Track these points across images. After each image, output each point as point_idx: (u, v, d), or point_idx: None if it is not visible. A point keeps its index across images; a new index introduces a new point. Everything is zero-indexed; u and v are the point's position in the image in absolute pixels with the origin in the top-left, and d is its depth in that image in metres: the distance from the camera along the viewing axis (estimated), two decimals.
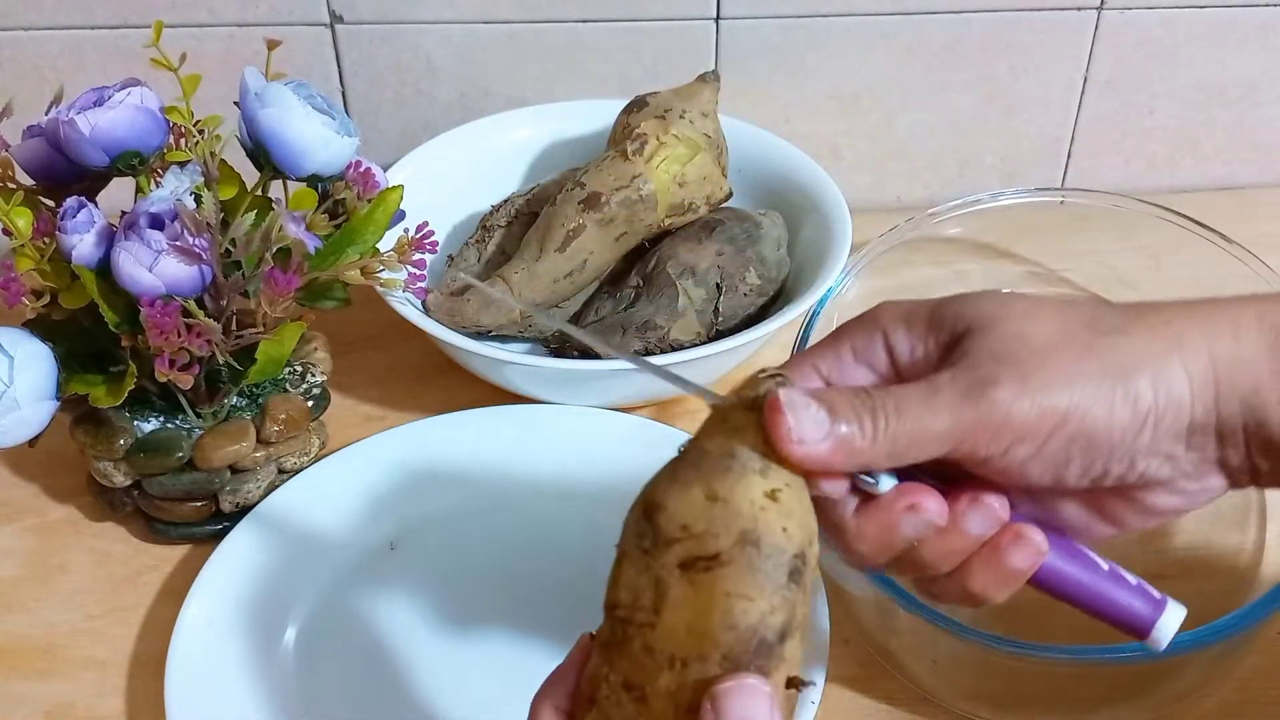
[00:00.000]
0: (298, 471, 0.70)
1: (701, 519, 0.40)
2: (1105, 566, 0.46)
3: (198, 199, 0.62)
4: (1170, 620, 0.46)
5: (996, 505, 0.44)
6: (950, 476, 0.45)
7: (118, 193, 0.68)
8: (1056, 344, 0.43)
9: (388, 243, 0.68)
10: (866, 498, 0.44)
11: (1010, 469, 0.43)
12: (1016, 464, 0.43)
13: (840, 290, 0.73)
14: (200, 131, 0.63)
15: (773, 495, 0.40)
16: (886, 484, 0.44)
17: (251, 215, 0.62)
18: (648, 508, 0.41)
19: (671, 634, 0.40)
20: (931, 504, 0.43)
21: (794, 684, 0.40)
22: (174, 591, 0.67)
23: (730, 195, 0.79)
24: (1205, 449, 0.44)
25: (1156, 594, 0.46)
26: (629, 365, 0.72)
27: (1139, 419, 0.43)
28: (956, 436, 0.42)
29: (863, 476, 0.44)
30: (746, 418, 0.42)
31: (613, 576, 0.41)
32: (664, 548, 0.40)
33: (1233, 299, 0.45)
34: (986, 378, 0.42)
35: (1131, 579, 0.46)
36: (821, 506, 0.43)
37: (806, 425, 0.41)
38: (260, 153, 0.65)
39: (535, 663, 0.45)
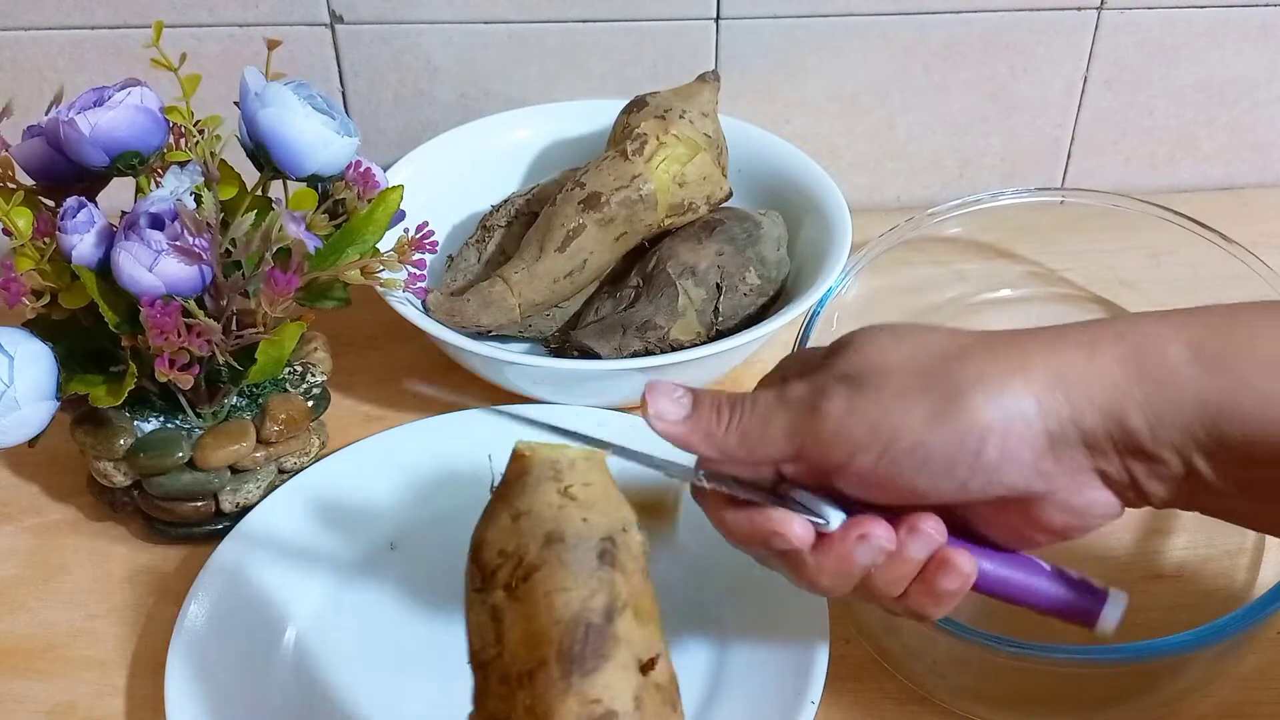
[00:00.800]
0: (298, 471, 0.70)
1: (511, 538, 0.43)
2: (1048, 568, 0.50)
3: (198, 199, 0.62)
4: (1113, 609, 0.50)
5: (933, 529, 0.48)
6: (890, 509, 0.49)
7: (118, 193, 0.68)
8: (898, 368, 0.47)
9: (388, 243, 0.68)
10: (821, 536, 0.48)
11: (882, 481, 0.47)
12: (874, 473, 0.47)
13: (840, 290, 0.73)
14: (200, 131, 0.63)
15: (567, 493, 0.43)
16: (835, 520, 0.48)
17: (251, 215, 0.62)
18: (472, 551, 0.44)
19: (515, 654, 0.41)
20: (879, 531, 0.48)
21: (647, 667, 0.41)
22: (174, 591, 0.67)
23: (730, 195, 0.79)
24: (1075, 460, 0.47)
25: (1099, 586, 0.50)
26: (629, 365, 0.72)
27: (973, 434, 0.46)
28: (797, 439, 0.48)
29: (812, 517, 0.48)
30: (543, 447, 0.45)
31: (467, 632, 0.44)
32: (490, 579, 0.43)
33: (1099, 322, 0.48)
34: (823, 389, 0.47)
35: (1074, 575, 0.50)
36: (785, 554, 0.49)
37: (668, 405, 0.49)
38: (260, 153, 0.65)
39: None
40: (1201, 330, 0.46)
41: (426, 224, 0.69)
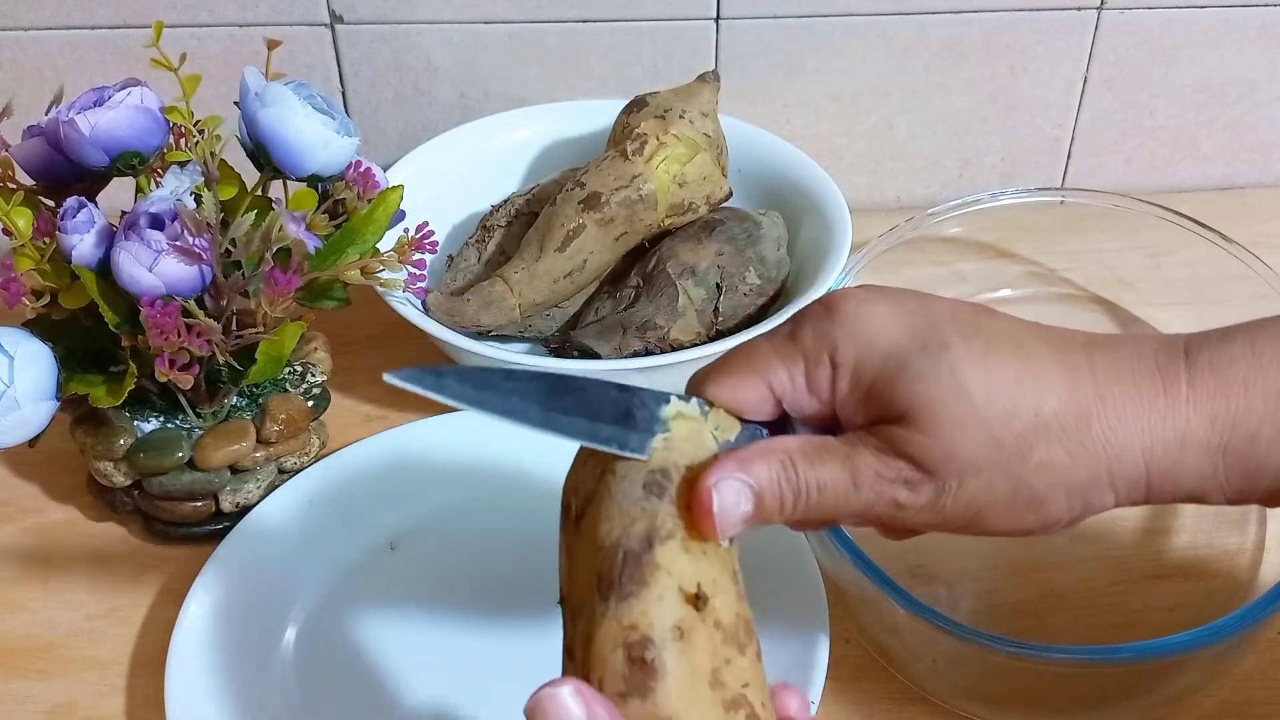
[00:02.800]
0: (298, 471, 0.70)
1: (583, 476, 0.43)
2: None
3: (198, 199, 0.62)
4: None
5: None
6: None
7: (118, 193, 0.68)
8: (980, 463, 0.43)
9: (388, 243, 0.68)
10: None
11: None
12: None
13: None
14: (200, 131, 0.63)
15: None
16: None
17: (251, 215, 0.62)
18: (562, 495, 0.44)
19: (574, 586, 0.42)
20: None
21: (696, 600, 0.40)
22: (174, 591, 0.67)
23: (730, 195, 0.79)
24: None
25: None
26: (629, 365, 0.72)
27: (1048, 526, 0.45)
28: (866, 521, 0.46)
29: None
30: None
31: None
32: (566, 518, 0.43)
33: (1189, 399, 0.43)
34: (905, 479, 0.44)
35: None
36: None
37: (730, 515, 0.43)
38: (260, 153, 0.65)
39: (535, 662, 0.45)
40: None
41: (426, 224, 0.69)
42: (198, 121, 0.64)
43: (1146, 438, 0.43)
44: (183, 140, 0.65)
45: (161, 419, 0.68)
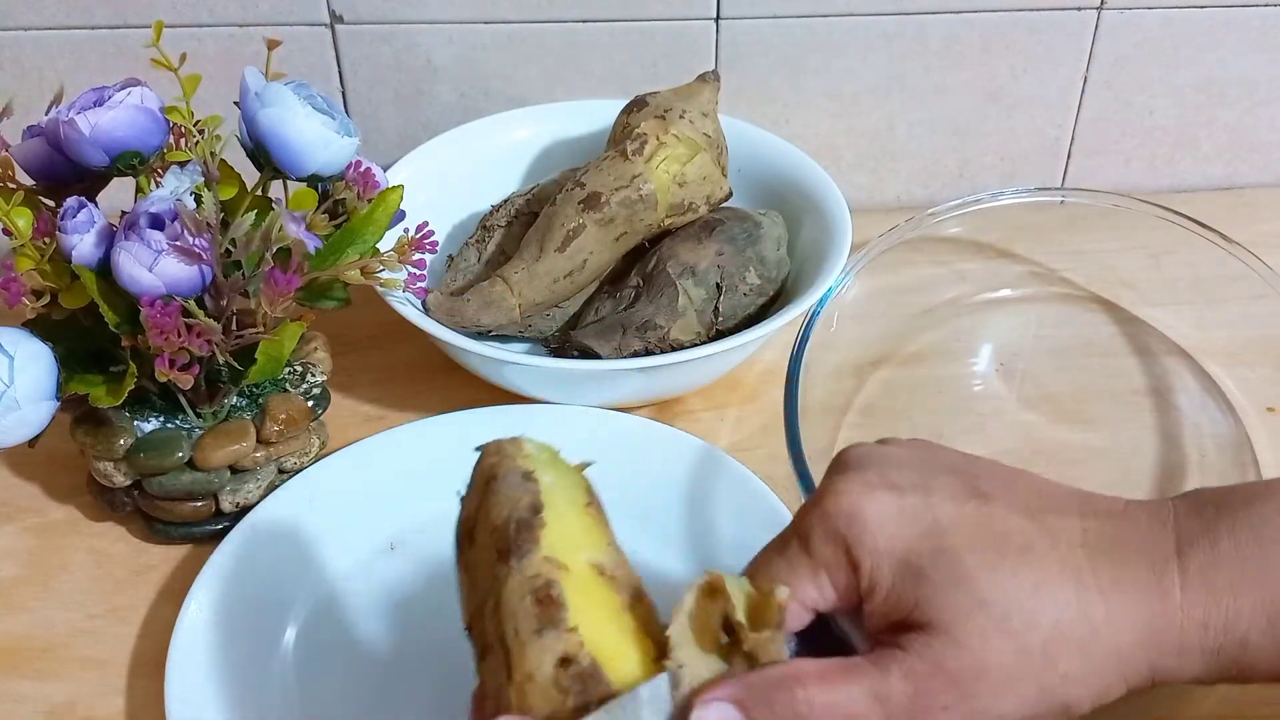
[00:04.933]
0: (298, 471, 0.70)
1: (467, 504, 0.48)
2: None
3: (198, 199, 0.62)
4: None
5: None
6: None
7: (118, 193, 0.68)
8: (1012, 677, 0.43)
9: (388, 243, 0.68)
10: None
11: None
12: None
13: (840, 290, 0.73)
14: (200, 131, 0.63)
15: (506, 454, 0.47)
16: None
17: (251, 215, 0.62)
18: (454, 537, 0.49)
19: (477, 584, 0.46)
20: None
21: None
22: (174, 591, 0.67)
23: (730, 195, 0.79)
24: None
25: None
26: (629, 365, 0.72)
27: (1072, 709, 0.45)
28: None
29: None
30: None
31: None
32: (461, 544, 0.48)
33: (1183, 607, 0.44)
34: (943, 706, 0.43)
35: None
36: None
37: None
38: (260, 153, 0.65)
39: None
40: (1276, 604, 0.44)
41: (426, 224, 0.69)
42: (198, 121, 0.64)
43: (1152, 651, 0.45)
44: (183, 140, 0.65)
45: (161, 419, 0.68)
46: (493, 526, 0.45)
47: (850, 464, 0.47)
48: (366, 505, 0.69)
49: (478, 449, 0.49)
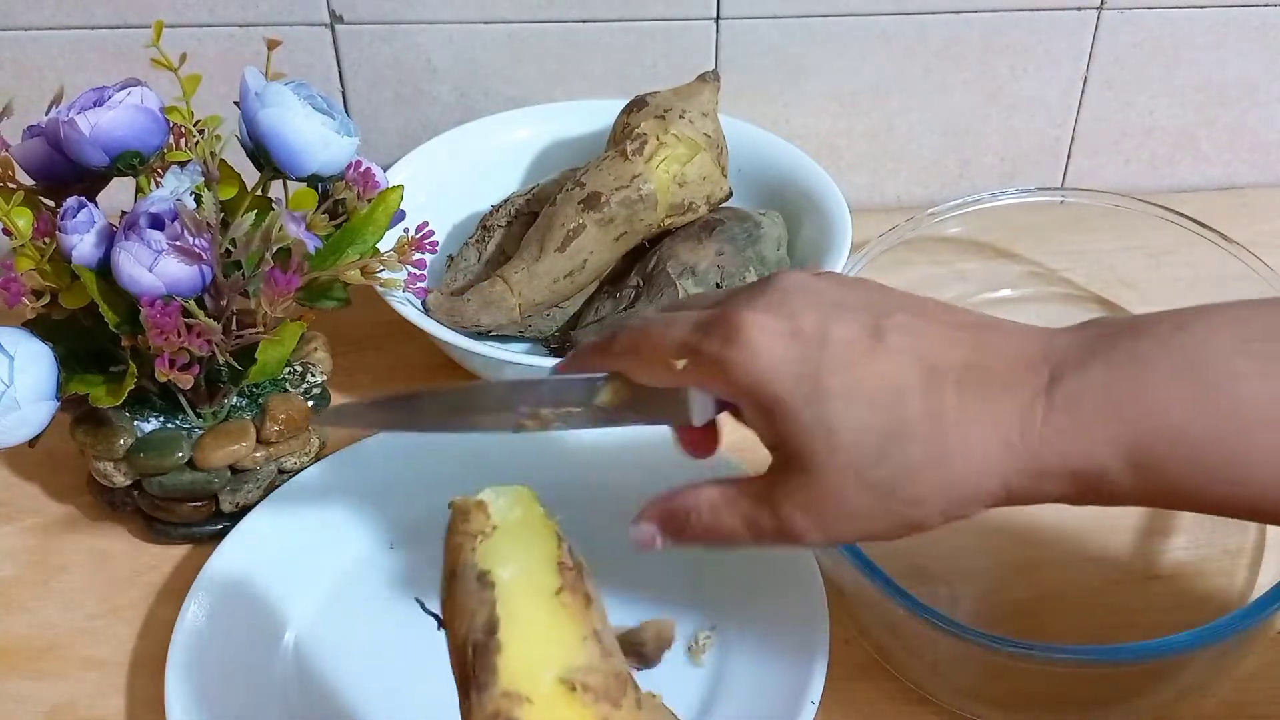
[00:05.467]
0: (298, 471, 0.70)
1: (442, 589, 0.45)
2: None
3: (198, 199, 0.62)
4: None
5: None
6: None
7: (118, 193, 0.68)
8: (858, 510, 0.48)
9: (388, 243, 0.68)
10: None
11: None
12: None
13: None
14: (200, 131, 0.63)
15: (467, 530, 0.45)
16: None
17: (251, 215, 0.62)
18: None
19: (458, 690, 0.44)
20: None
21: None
22: (174, 591, 0.67)
23: (730, 195, 0.79)
24: None
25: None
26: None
27: (924, 528, 0.49)
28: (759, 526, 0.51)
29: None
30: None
31: None
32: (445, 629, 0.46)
33: (1041, 438, 0.46)
34: (800, 531, 0.49)
35: None
36: None
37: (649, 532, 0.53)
38: (260, 153, 0.65)
39: None
40: (1137, 435, 0.45)
41: (426, 224, 0.69)
42: (198, 121, 0.64)
43: (1007, 472, 0.47)
44: (183, 140, 0.65)
45: (161, 419, 0.68)
46: (455, 642, 0.43)
47: (769, 290, 0.50)
48: (366, 505, 0.69)
49: (450, 505, 0.47)
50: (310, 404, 0.71)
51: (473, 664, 0.41)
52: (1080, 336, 0.48)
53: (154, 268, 0.60)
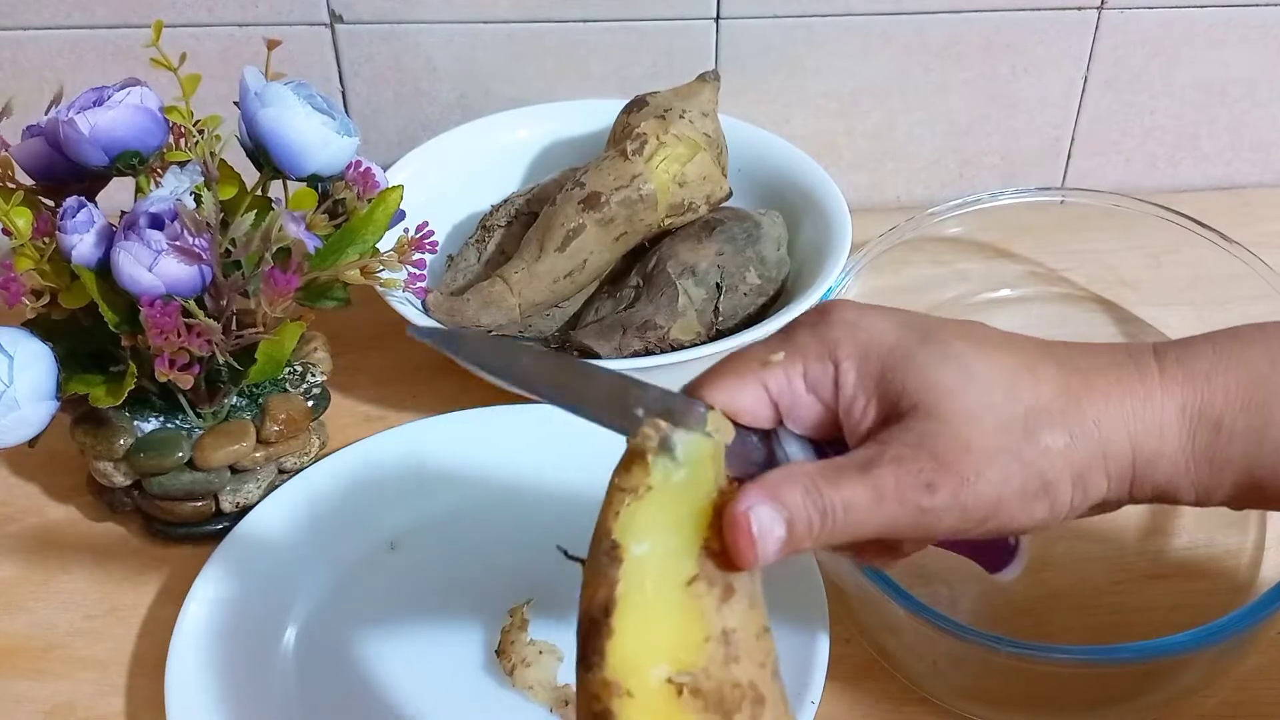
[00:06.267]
0: (298, 471, 0.70)
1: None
2: None
3: (198, 199, 0.62)
4: (1017, 564, 0.52)
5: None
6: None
7: (118, 193, 0.68)
8: (994, 450, 0.44)
9: (388, 243, 0.68)
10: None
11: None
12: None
13: (840, 290, 0.73)
14: (200, 131, 0.63)
15: (625, 488, 0.42)
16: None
17: (251, 215, 0.62)
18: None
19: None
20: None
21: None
22: (174, 591, 0.67)
23: (730, 195, 0.79)
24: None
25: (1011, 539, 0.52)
26: (629, 365, 0.72)
27: (1056, 516, 0.45)
28: (891, 532, 0.45)
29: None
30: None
31: None
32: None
33: (1161, 386, 0.46)
34: (927, 483, 0.44)
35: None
36: None
37: (768, 539, 0.43)
38: (260, 153, 0.65)
39: None
40: (1250, 389, 0.46)
41: (426, 224, 0.69)
42: (198, 121, 0.64)
43: (1131, 423, 0.45)
44: (183, 140, 0.65)
45: (161, 419, 0.68)
46: (582, 607, 0.40)
47: (830, 308, 0.48)
48: (366, 505, 0.69)
49: (627, 437, 0.43)
50: (310, 404, 0.71)
51: (583, 642, 0.39)
52: (1166, 344, 0.48)
53: (154, 268, 0.60)
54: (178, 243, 0.60)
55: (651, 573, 0.40)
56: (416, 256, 0.68)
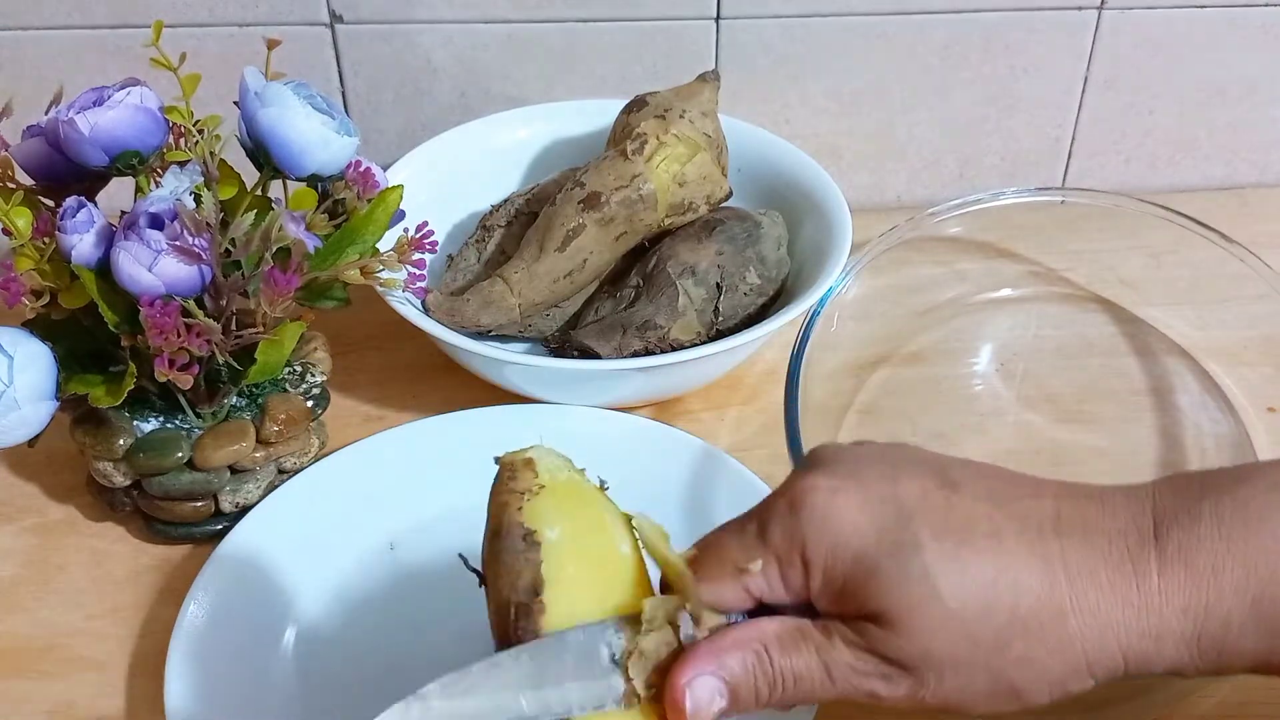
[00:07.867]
0: (298, 471, 0.70)
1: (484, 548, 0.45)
2: None
3: (198, 199, 0.62)
4: None
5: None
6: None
7: (118, 193, 0.68)
8: (959, 661, 0.43)
9: (388, 243, 0.68)
10: None
11: None
12: None
13: (840, 290, 0.73)
14: (200, 131, 0.63)
15: (515, 488, 0.44)
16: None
17: (251, 215, 0.62)
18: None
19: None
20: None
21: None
22: (174, 591, 0.67)
23: (730, 195, 0.79)
24: None
25: None
26: (629, 365, 0.72)
27: (1032, 708, 0.44)
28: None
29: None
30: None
31: None
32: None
33: (1161, 590, 0.43)
34: (884, 674, 0.44)
35: None
36: None
37: (703, 713, 0.44)
38: (260, 153, 0.65)
39: None
40: (1262, 582, 0.43)
41: (426, 224, 0.69)
42: (197, 121, 0.64)
43: (1122, 635, 0.43)
44: (182, 140, 0.65)
45: (161, 419, 0.68)
46: (497, 602, 0.42)
47: (820, 461, 0.47)
48: (366, 505, 0.69)
49: (496, 460, 0.46)
50: (310, 404, 0.71)
51: (515, 625, 0.41)
52: (1168, 487, 0.45)
53: (154, 268, 0.60)
54: (178, 243, 0.60)
55: (569, 552, 0.42)
56: (416, 256, 0.68)
